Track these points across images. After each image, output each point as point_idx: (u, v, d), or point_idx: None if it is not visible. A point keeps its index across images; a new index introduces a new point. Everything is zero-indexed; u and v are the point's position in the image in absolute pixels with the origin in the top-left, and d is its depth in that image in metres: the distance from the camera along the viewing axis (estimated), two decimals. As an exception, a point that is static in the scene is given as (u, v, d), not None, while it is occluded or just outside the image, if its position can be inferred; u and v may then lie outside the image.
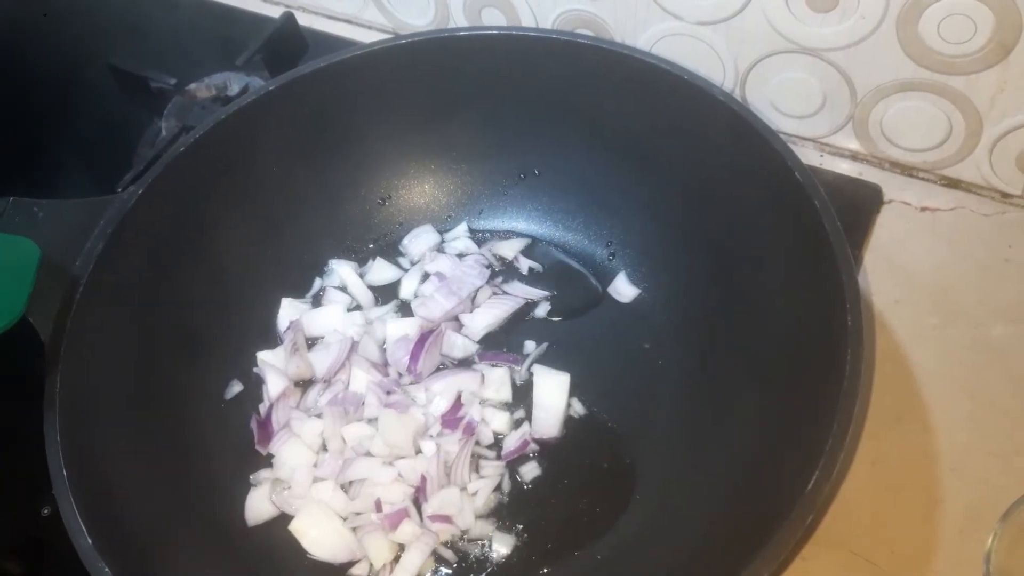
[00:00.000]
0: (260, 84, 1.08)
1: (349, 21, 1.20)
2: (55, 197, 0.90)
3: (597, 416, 0.88)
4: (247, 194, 0.94)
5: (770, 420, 0.77)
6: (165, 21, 1.18)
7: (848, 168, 0.99)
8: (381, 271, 0.99)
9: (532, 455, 0.86)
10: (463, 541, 0.83)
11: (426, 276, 0.98)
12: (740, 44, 0.94)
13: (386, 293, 0.98)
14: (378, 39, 1.05)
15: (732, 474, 0.77)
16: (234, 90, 1.12)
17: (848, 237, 0.76)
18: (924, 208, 0.95)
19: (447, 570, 0.82)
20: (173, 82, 1.13)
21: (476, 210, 1.02)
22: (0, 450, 0.89)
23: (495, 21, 1.07)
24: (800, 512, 0.65)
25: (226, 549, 0.81)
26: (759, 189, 0.83)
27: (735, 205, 0.86)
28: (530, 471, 0.85)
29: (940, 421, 0.81)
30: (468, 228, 1.01)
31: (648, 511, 0.81)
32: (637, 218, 0.95)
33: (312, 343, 0.94)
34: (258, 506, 0.85)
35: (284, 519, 0.84)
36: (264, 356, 0.93)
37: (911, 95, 0.90)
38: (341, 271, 0.98)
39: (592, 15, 1.00)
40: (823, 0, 0.86)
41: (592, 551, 0.81)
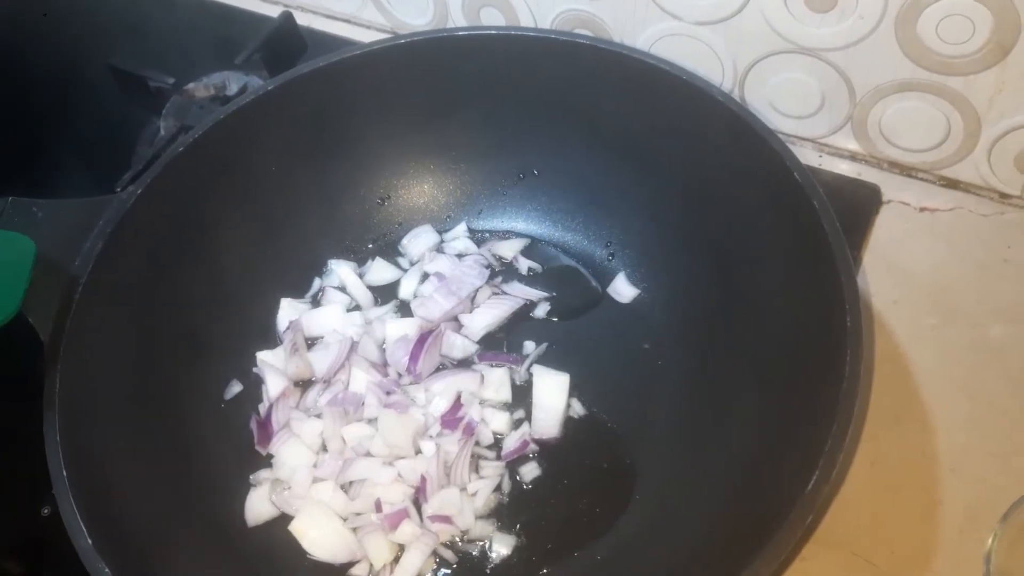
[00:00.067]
0: (259, 84, 1.08)
1: (348, 20, 1.20)
2: (54, 197, 0.90)
3: (597, 416, 0.88)
4: (246, 194, 0.94)
5: (769, 420, 0.77)
6: (164, 21, 1.18)
7: (847, 168, 0.99)
8: (380, 271, 0.99)
9: (532, 455, 0.86)
10: (463, 541, 0.83)
11: (425, 276, 0.98)
12: (739, 44, 0.94)
13: (385, 293, 0.98)
14: (377, 39, 1.06)
15: (731, 474, 0.77)
16: (232, 89, 1.12)
17: (847, 237, 0.76)
18: (923, 208, 0.95)
19: (447, 570, 0.82)
20: (171, 81, 1.13)
21: (475, 210, 1.02)
22: (0, 450, 0.89)
23: (494, 21, 1.07)
24: (799, 512, 0.66)
25: (226, 549, 0.82)
26: (758, 189, 0.83)
27: (734, 205, 0.86)
28: (530, 471, 0.85)
29: (939, 421, 0.82)
30: (467, 228, 1.01)
31: (648, 511, 0.81)
32: (636, 218, 0.95)
33: (311, 343, 0.94)
34: (258, 506, 0.85)
35: (284, 519, 0.84)
36: (264, 356, 0.93)
37: (910, 95, 0.90)
38: (340, 271, 0.98)
39: (591, 15, 1.00)
40: (822, 0, 0.86)
41: (592, 551, 0.81)
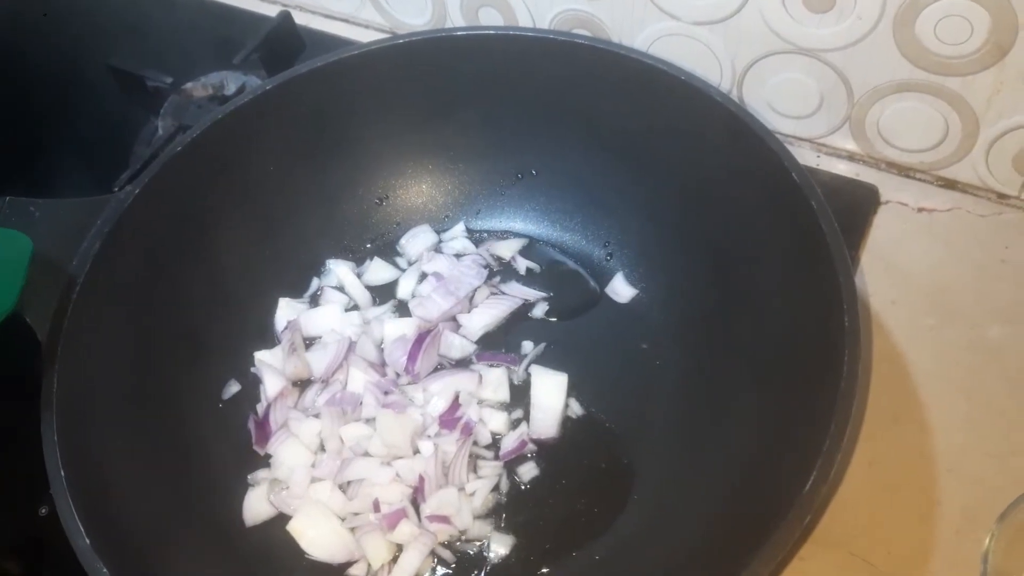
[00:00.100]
0: (257, 83, 1.08)
1: (346, 20, 1.20)
2: (52, 196, 0.89)
3: (595, 416, 0.88)
4: (244, 194, 0.94)
5: (767, 421, 0.77)
6: (163, 20, 1.18)
7: (845, 169, 0.99)
8: (379, 271, 0.99)
9: (530, 455, 0.86)
10: (461, 541, 0.83)
11: (424, 276, 0.98)
12: (737, 44, 0.94)
13: (384, 293, 0.98)
14: (375, 38, 1.06)
15: (729, 474, 0.77)
16: (231, 89, 1.12)
17: (845, 238, 0.76)
18: (921, 209, 0.95)
19: (445, 570, 0.82)
20: (170, 81, 1.13)
21: (474, 210, 1.02)
22: (-2, 450, 0.89)
23: (492, 21, 1.07)
24: (798, 513, 0.66)
25: (224, 549, 0.81)
26: (756, 190, 0.83)
27: (732, 206, 0.86)
28: (528, 471, 0.85)
29: (937, 422, 0.82)
30: (466, 228, 1.01)
31: (646, 511, 0.81)
32: (634, 218, 0.95)
33: (310, 343, 0.94)
34: (256, 506, 0.85)
35: (282, 519, 0.84)
36: (262, 356, 0.93)
37: (908, 96, 0.90)
38: (339, 271, 0.98)
39: (589, 15, 1.00)
40: (820, 1, 0.86)
41: (590, 551, 0.81)
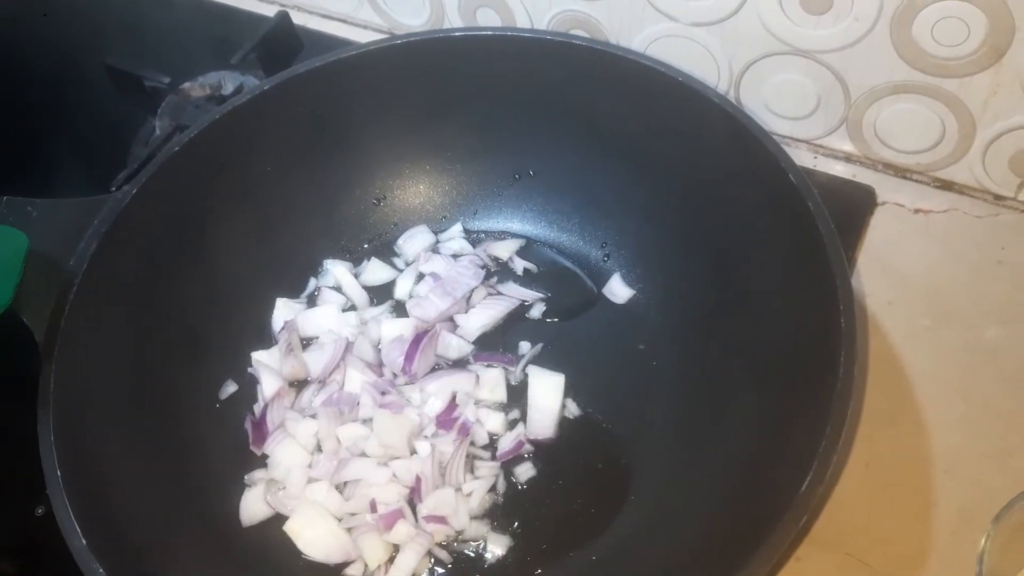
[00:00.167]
0: (255, 83, 1.08)
1: (344, 20, 1.20)
2: (49, 196, 0.89)
3: (592, 417, 0.88)
4: (242, 194, 0.94)
5: (765, 421, 0.77)
6: (160, 20, 1.18)
7: (842, 170, 0.99)
8: (376, 271, 0.99)
9: (527, 456, 0.86)
10: (458, 542, 0.83)
11: (421, 276, 0.97)
12: (735, 46, 0.94)
13: (381, 293, 0.98)
14: (373, 39, 1.05)
15: (727, 475, 0.77)
16: (228, 89, 1.12)
17: (841, 239, 0.76)
18: (917, 210, 0.95)
19: (442, 570, 0.82)
20: (167, 81, 1.13)
21: (471, 211, 1.02)
22: (-5, 450, 0.89)
23: (490, 21, 1.07)
24: (794, 513, 0.66)
25: (221, 550, 0.81)
26: (753, 191, 0.84)
27: (730, 207, 0.86)
28: (525, 472, 0.85)
29: (933, 423, 0.82)
30: (463, 229, 1.01)
31: (643, 512, 0.81)
32: (632, 219, 0.95)
33: (307, 343, 0.94)
34: (253, 507, 0.85)
35: (279, 519, 0.84)
36: (259, 356, 0.93)
37: (905, 97, 0.90)
38: (336, 271, 0.98)
39: (587, 16, 1.00)
40: (817, 2, 0.87)
41: (587, 552, 0.81)
